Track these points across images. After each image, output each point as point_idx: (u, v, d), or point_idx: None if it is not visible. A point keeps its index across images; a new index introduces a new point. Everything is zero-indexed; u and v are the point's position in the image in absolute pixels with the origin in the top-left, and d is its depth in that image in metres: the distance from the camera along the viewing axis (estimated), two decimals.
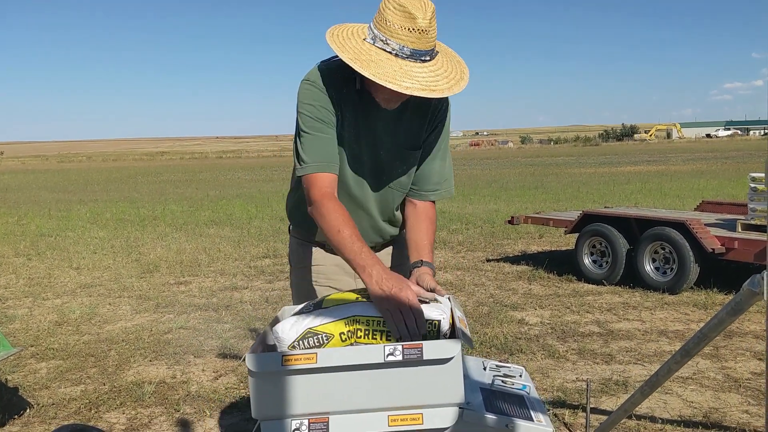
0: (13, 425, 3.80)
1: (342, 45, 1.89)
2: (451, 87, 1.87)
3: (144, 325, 5.92)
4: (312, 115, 1.99)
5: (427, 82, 1.84)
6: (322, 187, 1.94)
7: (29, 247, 11.01)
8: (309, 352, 1.52)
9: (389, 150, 2.11)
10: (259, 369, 1.50)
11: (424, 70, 1.85)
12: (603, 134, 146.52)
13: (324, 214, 1.88)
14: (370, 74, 1.81)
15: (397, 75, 1.81)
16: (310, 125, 1.99)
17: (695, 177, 23.16)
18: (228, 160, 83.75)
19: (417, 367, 1.50)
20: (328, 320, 1.66)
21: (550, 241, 10.11)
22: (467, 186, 21.46)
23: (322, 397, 1.52)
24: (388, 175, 2.15)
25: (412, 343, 1.50)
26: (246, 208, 16.88)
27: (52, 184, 33.05)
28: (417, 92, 1.82)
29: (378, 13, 1.89)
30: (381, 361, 1.49)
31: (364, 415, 1.53)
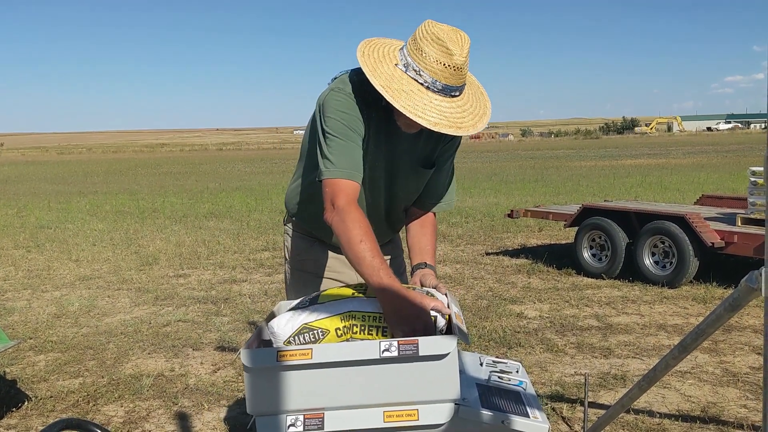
0: (12, 418, 3.80)
1: (374, 69, 1.87)
2: (476, 124, 1.88)
3: (143, 317, 5.92)
4: (345, 122, 1.95)
5: (455, 118, 1.84)
6: (348, 195, 1.89)
7: (28, 239, 11.01)
8: (304, 347, 1.52)
9: (405, 167, 2.13)
10: (254, 364, 1.50)
11: (452, 105, 1.85)
12: (604, 127, 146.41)
13: (347, 222, 1.83)
14: (401, 106, 1.81)
15: (427, 109, 1.81)
16: (341, 131, 1.94)
17: (696, 170, 23.15)
18: (228, 152, 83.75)
19: (412, 363, 1.49)
20: (324, 315, 1.66)
21: (549, 234, 10.11)
22: (467, 179, 21.44)
23: (318, 392, 1.52)
24: (401, 188, 2.19)
25: (408, 339, 1.50)
26: (246, 200, 16.88)
27: (51, 176, 33.04)
28: (444, 129, 1.82)
29: (413, 40, 1.87)
30: (376, 357, 1.49)
31: (360, 411, 1.52)
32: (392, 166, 2.12)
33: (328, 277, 2.30)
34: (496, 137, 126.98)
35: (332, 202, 1.89)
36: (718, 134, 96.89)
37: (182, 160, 57.20)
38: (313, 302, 1.74)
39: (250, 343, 1.62)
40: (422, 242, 2.20)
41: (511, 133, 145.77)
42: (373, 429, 1.52)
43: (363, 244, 1.79)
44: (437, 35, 1.82)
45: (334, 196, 1.89)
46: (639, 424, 3.48)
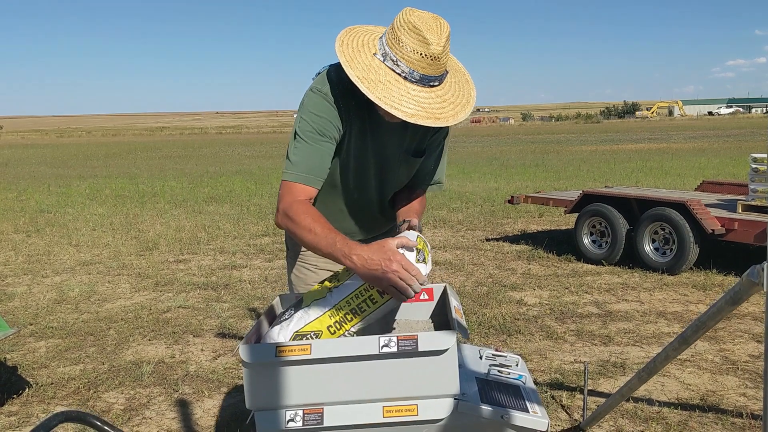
0: (12, 405, 3.81)
1: (351, 59, 1.83)
2: (456, 114, 1.83)
3: (143, 303, 5.93)
4: (314, 125, 1.92)
5: (433, 109, 1.80)
6: (296, 196, 1.89)
7: (28, 223, 11.00)
8: (303, 343, 1.51)
9: (395, 157, 2.11)
10: (253, 360, 1.49)
11: (431, 96, 1.81)
12: (604, 111, 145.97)
13: (293, 217, 1.83)
14: (376, 97, 1.77)
15: (403, 100, 1.77)
16: (308, 134, 1.92)
17: (696, 155, 23.09)
18: (228, 136, 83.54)
19: (412, 359, 1.48)
20: (312, 318, 1.66)
21: (549, 220, 10.09)
22: (468, 163, 21.40)
23: (317, 388, 1.51)
24: (392, 178, 2.17)
25: (407, 334, 1.49)
26: (246, 184, 16.85)
27: (51, 159, 33.00)
28: (421, 121, 1.78)
29: (391, 29, 1.83)
30: (376, 352, 1.48)
31: (359, 406, 1.52)
32: (381, 157, 2.09)
33: (325, 269, 2.28)
34: (496, 121, 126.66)
35: (278, 204, 1.91)
36: (719, 119, 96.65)
37: (182, 143, 57.09)
38: (297, 308, 1.74)
39: (248, 337, 1.62)
40: (407, 207, 2.16)
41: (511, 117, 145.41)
42: (373, 424, 1.51)
43: (313, 230, 1.78)
44: (414, 24, 1.77)
45: (281, 198, 1.90)
46: (638, 412, 3.49)
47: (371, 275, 1.67)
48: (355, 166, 2.06)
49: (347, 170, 2.06)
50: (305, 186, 1.91)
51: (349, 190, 2.10)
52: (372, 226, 2.17)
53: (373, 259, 1.66)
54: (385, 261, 1.65)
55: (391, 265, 1.64)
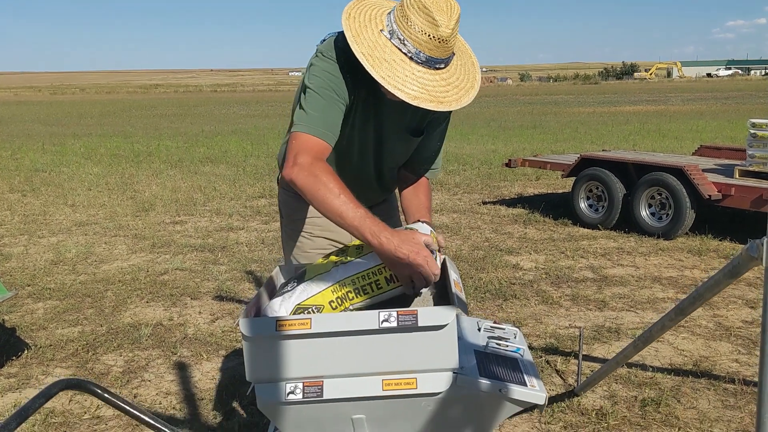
0: (12, 367, 3.84)
1: (357, 35, 1.77)
2: (460, 98, 1.80)
3: (140, 265, 5.94)
4: (330, 82, 1.85)
5: (437, 92, 1.76)
6: (316, 154, 1.79)
7: (24, 182, 10.97)
8: (303, 317, 1.51)
9: (393, 134, 2.08)
10: (252, 334, 1.50)
11: (435, 78, 1.77)
12: (603, 72, 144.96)
13: (319, 176, 1.72)
14: (379, 76, 1.73)
15: (407, 81, 1.73)
16: (323, 91, 1.84)
17: (694, 118, 23.01)
18: (223, 94, 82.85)
19: (411, 333, 1.49)
20: (315, 292, 1.66)
21: (546, 183, 10.09)
22: (465, 125, 21.30)
23: (317, 361, 1.52)
24: (388, 154, 2.14)
25: (407, 309, 1.50)
26: (242, 144, 16.77)
27: (45, 117, 32.74)
28: (424, 104, 1.74)
29: (401, 6, 1.77)
30: (375, 327, 1.49)
31: (359, 379, 1.53)
32: (380, 133, 2.06)
33: (321, 236, 2.28)
34: (494, 81, 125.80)
35: (296, 157, 1.76)
36: (718, 81, 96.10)
37: (176, 101, 56.62)
38: (300, 280, 1.73)
39: (248, 310, 1.62)
40: (415, 204, 2.16)
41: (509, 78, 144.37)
42: (372, 396, 1.53)
43: (342, 197, 1.70)
44: (424, 4, 1.72)
45: (300, 151, 1.77)
46: (632, 377, 3.53)
47: (395, 260, 1.66)
48: (358, 137, 2.03)
49: (351, 140, 2.03)
50: (323, 142, 1.81)
51: (350, 160, 2.08)
52: (368, 197, 2.17)
53: (401, 247, 1.65)
54: (413, 253, 1.65)
55: (418, 258, 1.65)
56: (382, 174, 2.20)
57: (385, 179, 2.24)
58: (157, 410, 3.29)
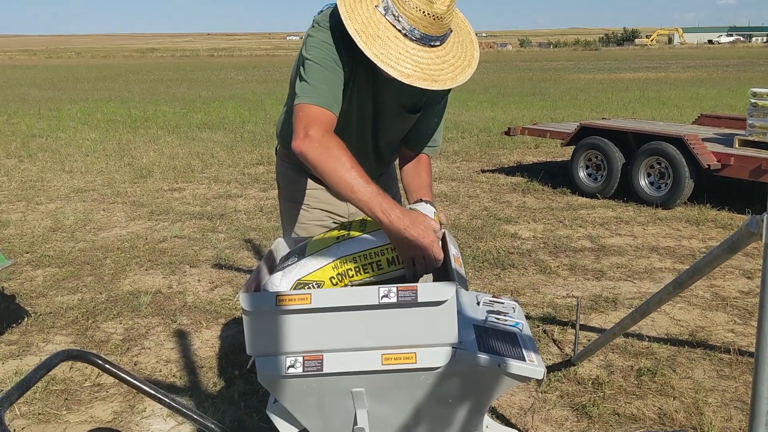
0: (12, 334, 3.86)
1: (352, 10, 1.74)
2: (455, 77, 1.76)
3: (139, 232, 5.94)
4: (329, 53, 1.82)
5: (431, 70, 1.73)
6: (326, 125, 1.77)
7: (20, 148, 10.91)
8: (303, 292, 1.52)
9: (391, 110, 2.05)
10: (253, 309, 1.50)
11: (430, 56, 1.74)
12: (603, 38, 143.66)
13: (331, 149, 1.71)
14: (372, 54, 1.69)
15: (401, 59, 1.70)
16: (323, 61, 1.82)
17: (695, 85, 22.87)
18: (220, 59, 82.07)
19: (411, 309, 1.50)
20: (316, 267, 1.66)
21: (545, 151, 10.06)
22: (464, 91, 21.15)
23: (317, 336, 1.53)
24: (386, 130, 2.12)
25: (407, 285, 1.50)
26: (239, 110, 16.66)
27: (41, 81, 32.46)
28: (417, 82, 1.71)
29: None
30: (375, 302, 1.49)
31: (358, 354, 1.54)
32: (377, 108, 2.04)
33: (318, 208, 2.28)
34: (494, 47, 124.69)
35: (306, 129, 1.74)
36: (719, 48, 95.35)
37: (173, 66, 56.12)
38: (301, 255, 1.73)
39: (248, 285, 1.63)
40: (417, 181, 2.14)
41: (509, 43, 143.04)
42: (372, 371, 1.54)
43: (354, 171, 1.69)
44: None
45: (310, 123, 1.75)
46: (628, 347, 3.56)
47: (402, 240, 1.65)
48: (357, 110, 2.01)
49: (349, 113, 2.01)
50: (329, 113, 1.80)
51: (348, 133, 2.06)
52: (366, 170, 2.16)
53: (411, 228, 1.65)
54: (421, 236, 1.65)
55: (425, 241, 1.64)
56: (379, 149, 2.19)
57: (383, 154, 2.22)
58: (157, 378, 3.32)
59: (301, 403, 1.63)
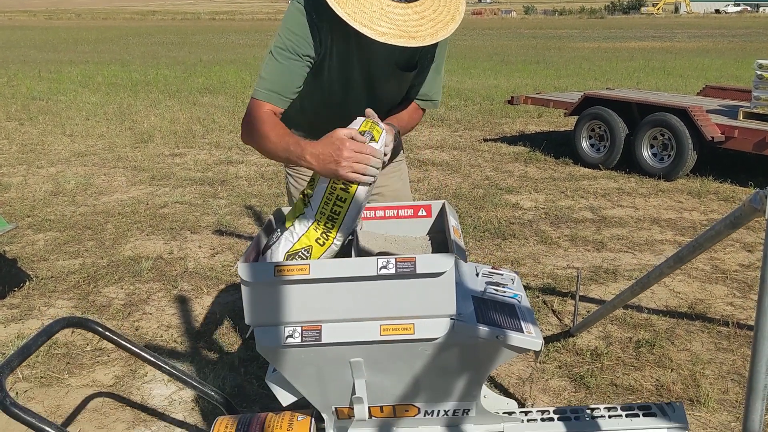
0: (14, 297, 3.88)
1: None
2: (436, 32, 1.70)
3: (140, 197, 5.94)
4: (288, 42, 1.84)
5: (408, 27, 1.66)
6: (255, 115, 1.85)
7: (21, 110, 10.86)
8: (302, 263, 1.51)
9: (384, 70, 2.00)
10: (251, 279, 1.50)
11: (407, 12, 1.67)
12: (609, 6, 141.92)
13: (250, 130, 1.85)
14: (345, 14, 1.65)
15: (375, 17, 1.64)
16: (281, 53, 1.84)
17: (700, 55, 22.66)
18: (221, 22, 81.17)
19: (410, 280, 1.50)
20: (299, 235, 1.67)
21: (548, 120, 10.01)
22: (467, 59, 20.98)
23: (315, 306, 1.53)
24: (382, 92, 2.07)
25: (406, 256, 1.50)
26: (240, 75, 16.54)
27: (41, 43, 32.17)
28: (392, 40, 1.65)
29: None
30: (374, 273, 1.49)
31: (357, 324, 1.55)
32: (369, 71, 1.99)
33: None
34: (498, 14, 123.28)
35: (245, 120, 1.89)
36: (726, 17, 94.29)
37: (174, 29, 55.56)
38: (282, 229, 1.74)
39: (247, 254, 1.62)
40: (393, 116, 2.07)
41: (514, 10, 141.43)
42: (370, 341, 1.54)
43: (269, 137, 1.79)
44: None
45: (250, 113, 1.88)
46: (627, 319, 3.57)
47: (328, 170, 1.64)
48: (339, 80, 1.98)
49: (333, 86, 1.99)
50: (270, 105, 1.86)
51: (340, 106, 2.03)
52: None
53: (324, 153, 1.63)
54: (336, 151, 1.61)
55: (343, 152, 1.60)
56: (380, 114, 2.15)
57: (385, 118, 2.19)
58: (157, 343, 3.34)
59: (299, 373, 1.64)
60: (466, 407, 1.73)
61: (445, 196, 5.98)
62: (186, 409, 2.77)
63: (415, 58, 2.03)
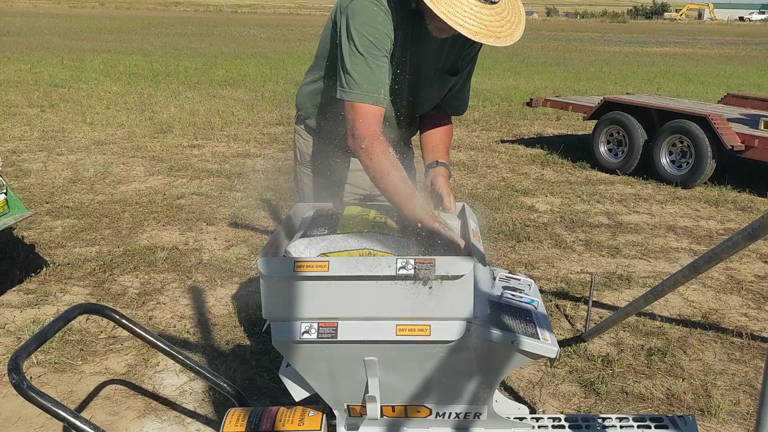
0: (31, 283, 3.92)
1: None
2: (513, 33, 1.77)
3: (157, 188, 5.97)
4: (372, 39, 1.83)
5: (494, 27, 1.73)
6: (372, 124, 1.82)
7: (42, 97, 10.95)
8: (321, 260, 1.52)
9: (430, 74, 2.05)
10: (271, 273, 1.51)
11: (491, 13, 1.73)
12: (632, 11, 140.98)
13: (372, 154, 1.80)
14: (441, 12, 1.69)
15: (467, 17, 1.70)
16: (369, 49, 1.83)
17: (722, 63, 22.47)
18: (243, 16, 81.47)
19: (428, 281, 1.50)
20: (343, 248, 1.65)
21: (567, 123, 9.97)
22: (487, 59, 20.92)
23: (332, 303, 1.54)
24: (424, 97, 2.12)
25: (425, 257, 1.50)
26: (260, 69, 16.59)
27: (64, 30, 32.41)
28: (483, 39, 1.72)
29: None
30: (392, 273, 1.50)
31: (373, 323, 1.55)
32: (416, 74, 2.03)
33: (337, 179, 2.28)
34: None
35: (354, 129, 1.83)
36: (750, 25, 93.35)
37: (196, 20, 55.80)
38: (332, 228, 1.72)
39: (266, 249, 1.63)
40: (434, 140, 2.15)
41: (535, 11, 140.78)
42: (386, 341, 1.55)
43: (391, 176, 1.77)
44: None
45: (356, 123, 1.83)
46: (639, 326, 3.56)
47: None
48: (393, 81, 1.99)
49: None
50: (377, 107, 1.85)
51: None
52: (395, 137, 2.15)
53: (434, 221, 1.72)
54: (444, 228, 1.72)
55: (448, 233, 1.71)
56: (412, 118, 2.18)
57: (413, 122, 2.21)
58: (171, 333, 3.37)
59: (313, 369, 1.65)
60: (477, 411, 1.74)
61: (460, 196, 5.97)
62: (197, 400, 2.80)
63: (459, 62, 2.08)
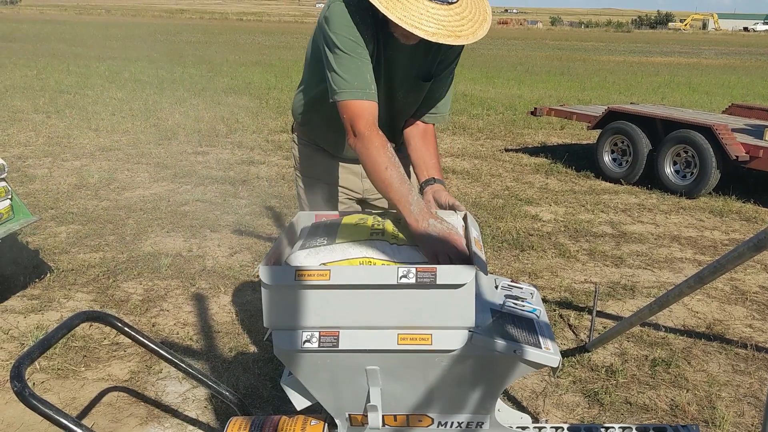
0: (35, 288, 3.92)
1: None
2: (475, 31, 1.77)
3: (161, 194, 5.98)
4: (353, 38, 1.84)
5: (453, 27, 1.73)
6: (368, 119, 1.83)
7: (48, 103, 10.99)
8: (323, 268, 1.52)
9: (405, 80, 2.05)
10: (272, 282, 1.51)
11: (449, 13, 1.74)
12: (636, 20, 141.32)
13: (371, 150, 1.80)
14: (396, 17, 1.70)
15: (423, 19, 1.71)
16: (349, 47, 1.84)
17: (727, 72, 22.47)
18: (248, 23, 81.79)
19: (429, 290, 1.50)
20: (341, 258, 1.65)
21: (571, 133, 9.97)
22: (491, 68, 20.95)
23: (334, 312, 1.54)
24: (400, 103, 2.12)
25: (426, 266, 1.50)
26: (265, 76, 16.64)
27: (70, 37, 32.55)
28: (442, 39, 1.72)
29: None
30: (394, 282, 1.49)
31: (375, 332, 1.55)
32: (391, 81, 2.04)
33: (333, 183, 2.31)
34: (524, 24, 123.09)
35: (353, 127, 1.83)
36: (755, 35, 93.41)
37: (202, 28, 56.02)
38: (331, 238, 1.72)
39: (268, 258, 1.63)
40: (425, 156, 2.14)
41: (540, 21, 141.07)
42: (387, 350, 1.55)
43: (389, 171, 1.76)
44: None
45: (354, 120, 1.83)
46: (644, 336, 3.55)
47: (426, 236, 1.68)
48: None
49: None
50: (370, 102, 1.85)
51: None
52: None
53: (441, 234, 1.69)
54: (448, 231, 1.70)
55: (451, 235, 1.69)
56: (392, 126, 2.17)
57: (394, 131, 2.20)
58: (174, 340, 3.36)
59: (315, 378, 1.64)
60: (479, 420, 1.73)
61: (464, 204, 5.96)
62: (199, 408, 2.79)
63: (433, 67, 2.08)
